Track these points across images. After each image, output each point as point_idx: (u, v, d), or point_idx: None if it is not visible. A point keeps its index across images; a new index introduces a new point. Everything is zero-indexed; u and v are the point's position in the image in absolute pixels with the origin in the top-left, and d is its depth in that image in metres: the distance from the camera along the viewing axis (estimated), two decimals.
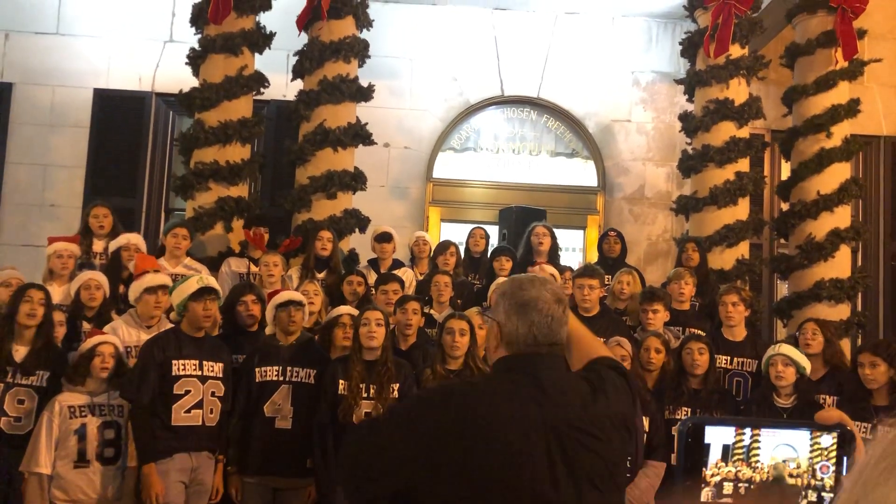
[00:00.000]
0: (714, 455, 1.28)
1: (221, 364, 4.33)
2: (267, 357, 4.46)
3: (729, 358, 5.10)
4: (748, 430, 1.30)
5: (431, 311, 5.47)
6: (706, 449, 1.32)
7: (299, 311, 4.57)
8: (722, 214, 7.20)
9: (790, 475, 1.28)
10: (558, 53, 9.05)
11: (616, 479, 1.73)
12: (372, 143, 7.27)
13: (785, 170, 8.32)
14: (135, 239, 5.72)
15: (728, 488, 1.27)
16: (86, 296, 4.95)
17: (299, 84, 7.26)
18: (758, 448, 1.25)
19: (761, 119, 7.69)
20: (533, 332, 1.78)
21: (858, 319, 7.33)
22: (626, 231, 7.37)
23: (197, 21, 7.00)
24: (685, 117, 7.64)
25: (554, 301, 1.81)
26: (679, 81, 7.89)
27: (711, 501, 1.30)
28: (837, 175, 7.37)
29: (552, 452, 1.63)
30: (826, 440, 1.33)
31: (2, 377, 4.25)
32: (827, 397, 4.74)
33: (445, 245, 6.34)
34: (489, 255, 6.49)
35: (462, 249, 6.70)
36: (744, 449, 1.24)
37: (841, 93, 7.47)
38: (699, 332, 5.06)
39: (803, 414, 4.35)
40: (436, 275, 5.73)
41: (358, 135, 7.07)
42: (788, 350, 4.57)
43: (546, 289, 1.85)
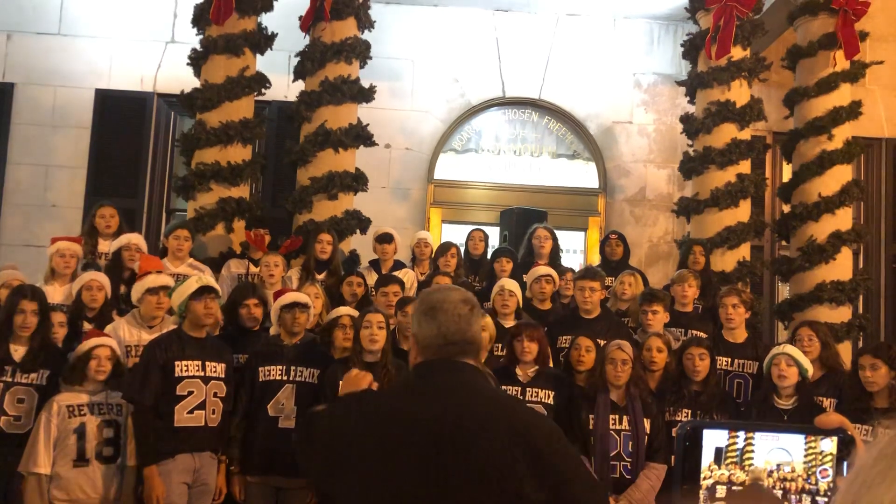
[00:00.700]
0: (707, 458, 1.28)
1: (224, 364, 4.33)
2: (270, 357, 4.46)
3: (729, 360, 5.08)
4: (741, 434, 1.29)
5: None
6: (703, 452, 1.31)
7: (304, 313, 4.58)
8: (723, 216, 7.19)
9: (784, 479, 1.28)
10: (560, 55, 9.05)
11: (496, 487, 1.72)
12: (373, 145, 7.27)
13: (786, 172, 8.31)
14: (136, 239, 5.71)
15: (721, 491, 1.26)
16: (87, 296, 4.94)
17: (301, 85, 7.26)
18: (752, 451, 1.25)
19: (763, 121, 7.68)
20: (442, 332, 1.85)
21: (859, 322, 7.32)
22: (627, 233, 7.37)
23: (199, 22, 7.01)
24: (686, 119, 7.63)
25: (460, 301, 1.89)
26: (680, 83, 7.88)
27: None
28: (839, 177, 7.37)
29: (428, 448, 1.72)
30: (826, 444, 1.32)
31: (0, 376, 4.25)
32: (825, 399, 4.73)
33: (446, 246, 6.34)
34: (490, 257, 6.49)
35: (462, 251, 6.70)
36: (737, 452, 1.24)
37: (842, 95, 7.46)
38: (700, 335, 5.04)
39: (804, 415, 4.34)
40: (436, 276, 5.72)
41: (359, 136, 7.07)
42: (792, 350, 4.55)
43: (453, 292, 1.94)
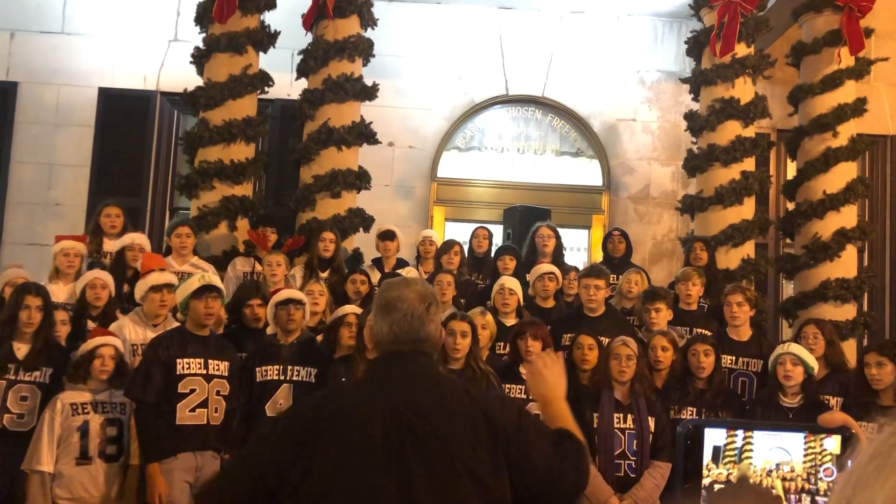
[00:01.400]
0: (705, 457, 1.27)
1: (227, 362, 4.32)
2: (267, 357, 4.46)
3: (734, 358, 5.07)
4: (740, 432, 1.28)
5: None
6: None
7: (299, 310, 4.57)
8: (727, 214, 7.16)
9: (783, 478, 1.27)
10: (563, 52, 9.03)
11: (460, 473, 1.75)
12: (376, 143, 7.27)
13: (791, 169, 8.28)
14: (139, 238, 5.72)
15: (718, 489, 1.25)
16: (91, 295, 4.94)
17: (304, 83, 7.26)
18: (750, 450, 1.24)
19: (767, 118, 7.65)
20: (394, 331, 1.87)
21: (864, 319, 7.30)
22: (631, 230, 7.35)
23: (201, 20, 7.01)
24: (691, 116, 7.61)
25: (417, 300, 1.89)
26: (684, 80, 7.86)
27: None
28: (844, 174, 7.34)
29: (390, 436, 1.73)
30: (830, 443, 1.31)
31: (4, 374, 4.27)
32: (831, 398, 4.71)
33: (450, 244, 6.32)
34: (493, 255, 6.48)
35: (466, 249, 6.69)
36: (735, 451, 1.23)
37: (847, 92, 7.44)
38: (705, 333, 5.03)
39: (809, 414, 4.32)
40: (438, 273, 5.71)
41: (362, 134, 7.06)
42: (797, 349, 4.53)
43: (411, 289, 1.93)
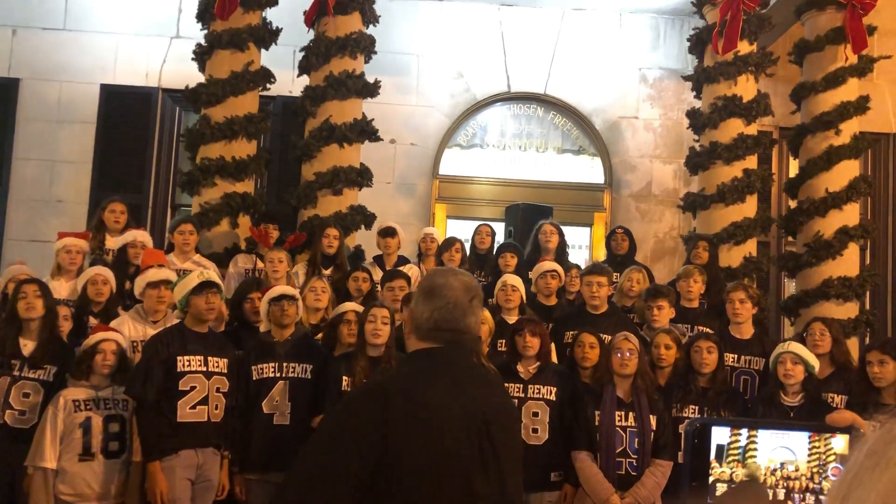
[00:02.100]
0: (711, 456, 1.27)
1: (226, 359, 4.32)
2: (262, 354, 4.46)
3: (736, 356, 5.06)
4: (744, 431, 1.28)
5: None
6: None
7: (292, 306, 4.56)
8: (729, 212, 7.16)
9: (787, 477, 1.26)
10: (565, 50, 9.02)
11: (519, 465, 1.79)
12: (378, 140, 7.25)
13: (793, 167, 8.27)
14: (141, 235, 5.72)
15: (721, 489, 1.25)
16: (92, 291, 4.95)
17: (305, 80, 7.25)
18: (754, 450, 1.23)
19: (769, 116, 7.63)
20: (434, 317, 1.85)
21: (867, 318, 7.28)
22: (633, 228, 7.33)
23: (203, 17, 7.00)
24: (693, 114, 7.59)
25: (462, 290, 1.87)
26: (687, 78, 7.84)
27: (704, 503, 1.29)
28: (846, 172, 7.32)
29: (481, 436, 1.71)
30: (837, 442, 1.30)
31: (8, 371, 4.28)
32: (835, 396, 4.70)
33: (450, 241, 6.32)
34: (495, 252, 6.48)
35: (468, 246, 6.69)
36: (739, 450, 1.23)
37: (850, 89, 7.41)
38: (707, 331, 5.03)
39: (810, 412, 4.33)
40: None
41: (364, 131, 7.05)
42: (797, 348, 4.53)
43: (457, 278, 1.91)
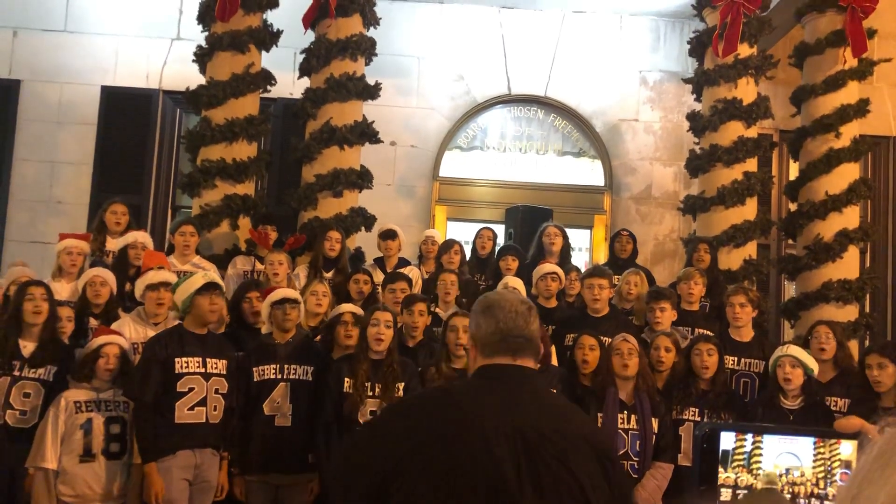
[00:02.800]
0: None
1: (225, 361, 4.33)
2: (264, 356, 4.47)
3: (736, 359, 5.07)
4: (749, 436, 1.28)
5: (437, 310, 5.47)
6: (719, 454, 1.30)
7: (295, 309, 4.57)
8: (729, 214, 7.16)
9: (793, 483, 1.26)
10: (566, 52, 9.03)
11: (578, 499, 1.68)
12: (378, 142, 7.26)
13: (793, 170, 8.28)
14: (142, 237, 5.72)
15: (726, 494, 1.25)
16: (91, 292, 4.95)
17: (306, 82, 7.26)
18: (759, 455, 1.24)
19: (769, 119, 7.65)
20: (500, 328, 1.84)
21: (866, 321, 7.29)
22: (634, 231, 7.33)
23: (204, 18, 7.01)
24: (693, 117, 7.60)
25: (518, 301, 1.91)
26: (687, 81, 7.85)
27: None
28: (846, 175, 7.33)
29: (519, 457, 1.66)
30: (846, 448, 1.31)
31: (9, 371, 4.28)
32: (838, 400, 4.70)
33: (450, 244, 6.33)
34: (496, 255, 6.48)
35: (469, 249, 6.69)
36: (744, 455, 1.23)
37: (850, 93, 7.42)
38: (708, 333, 5.03)
39: (810, 416, 4.33)
40: (441, 273, 5.72)
41: (364, 133, 7.06)
42: (796, 351, 4.54)
43: (509, 292, 2.00)
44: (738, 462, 1.19)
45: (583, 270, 6.05)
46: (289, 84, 7.87)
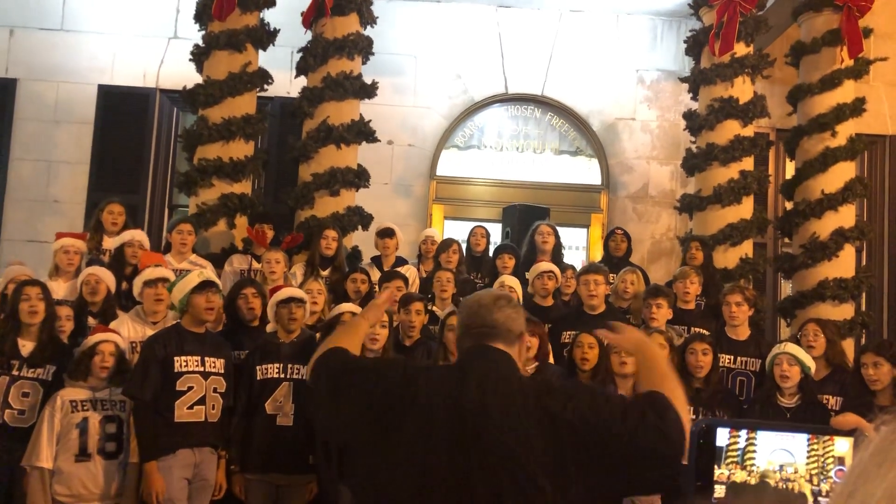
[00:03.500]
0: None
1: (223, 360, 4.34)
2: (267, 355, 4.46)
3: (732, 357, 5.09)
4: (743, 433, 1.29)
5: (434, 308, 5.47)
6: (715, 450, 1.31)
7: (300, 308, 4.57)
8: (726, 213, 7.17)
9: (786, 479, 1.27)
10: (563, 51, 9.04)
11: (517, 475, 1.74)
12: (375, 141, 7.26)
13: (789, 169, 8.29)
14: (139, 235, 5.72)
15: (720, 491, 1.26)
16: (86, 291, 4.96)
17: (303, 81, 7.26)
18: (753, 451, 1.24)
19: (766, 118, 7.65)
20: (463, 322, 2.00)
21: (862, 319, 7.30)
22: (630, 229, 7.35)
23: (201, 17, 7.00)
24: (689, 116, 7.61)
25: (487, 295, 2.03)
26: (684, 80, 7.86)
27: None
28: (842, 174, 7.34)
29: (455, 434, 1.77)
30: (842, 445, 1.31)
31: (7, 370, 4.28)
32: (831, 398, 4.72)
33: (448, 243, 6.33)
34: (492, 254, 6.49)
35: (465, 248, 6.69)
36: (738, 452, 1.23)
37: (846, 92, 7.44)
38: (703, 332, 5.04)
39: (806, 413, 4.34)
40: (438, 272, 5.72)
41: (361, 132, 7.06)
42: (794, 349, 4.55)
43: (485, 291, 2.11)
44: (732, 459, 1.20)
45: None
46: (286, 83, 7.87)
